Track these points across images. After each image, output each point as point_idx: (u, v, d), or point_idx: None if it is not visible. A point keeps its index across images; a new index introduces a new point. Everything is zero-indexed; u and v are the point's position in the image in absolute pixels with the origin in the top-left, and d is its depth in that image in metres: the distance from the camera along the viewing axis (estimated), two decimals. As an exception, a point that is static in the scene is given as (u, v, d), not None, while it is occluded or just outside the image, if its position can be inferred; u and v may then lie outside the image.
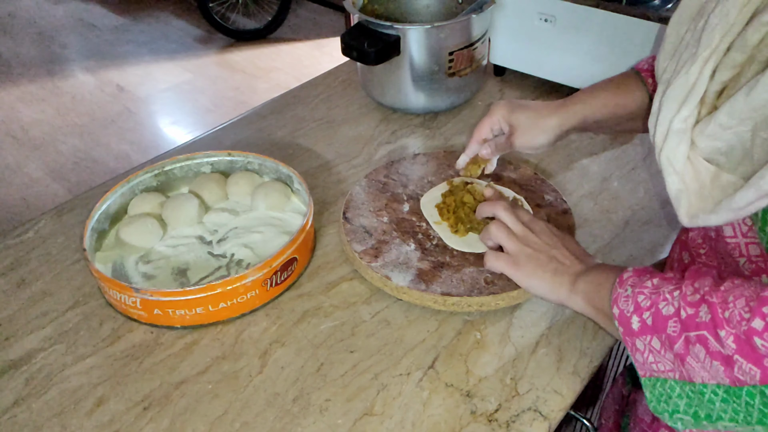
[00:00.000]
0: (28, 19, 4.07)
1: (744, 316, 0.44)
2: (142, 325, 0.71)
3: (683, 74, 0.50)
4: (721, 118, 0.47)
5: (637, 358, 0.53)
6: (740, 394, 0.45)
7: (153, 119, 3.08)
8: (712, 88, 0.49)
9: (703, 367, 0.47)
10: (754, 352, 0.43)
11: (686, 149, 0.51)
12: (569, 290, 0.62)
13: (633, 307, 0.52)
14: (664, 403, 0.52)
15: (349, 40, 0.97)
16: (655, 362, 0.51)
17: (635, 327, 0.52)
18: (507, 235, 0.68)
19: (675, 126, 0.51)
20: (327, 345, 0.68)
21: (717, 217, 0.49)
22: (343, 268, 0.78)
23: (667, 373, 0.51)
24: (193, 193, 0.85)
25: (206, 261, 0.77)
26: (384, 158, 0.97)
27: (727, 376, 0.46)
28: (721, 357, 0.45)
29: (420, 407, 0.61)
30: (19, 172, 2.67)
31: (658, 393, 0.52)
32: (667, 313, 0.49)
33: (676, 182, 0.51)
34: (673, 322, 0.49)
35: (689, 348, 0.47)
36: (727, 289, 0.46)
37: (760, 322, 0.43)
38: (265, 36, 3.74)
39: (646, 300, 0.51)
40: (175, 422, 0.61)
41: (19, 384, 0.65)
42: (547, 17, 1.02)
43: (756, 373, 0.44)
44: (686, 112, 0.50)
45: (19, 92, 3.26)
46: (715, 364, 0.46)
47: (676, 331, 0.48)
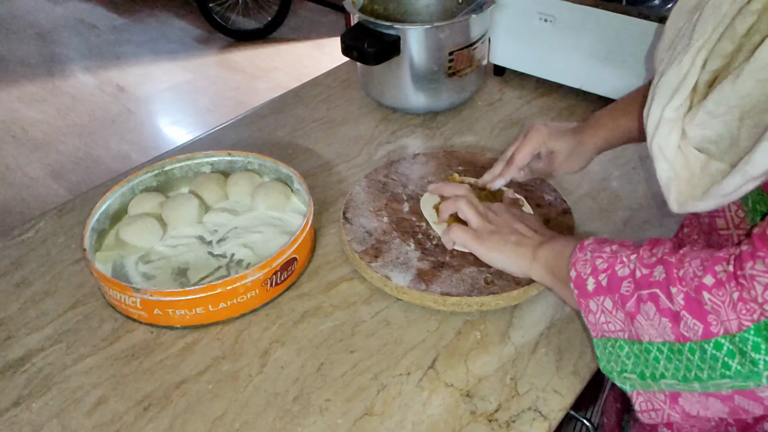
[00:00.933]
0: (28, 19, 4.07)
1: (697, 273, 0.46)
2: (142, 325, 0.71)
3: (676, 64, 0.51)
4: (709, 106, 0.48)
5: (590, 319, 0.55)
6: (682, 351, 0.48)
7: (153, 119, 3.08)
8: (703, 77, 0.50)
9: (651, 325, 0.49)
10: (701, 307, 0.45)
11: (677, 138, 0.52)
12: (531, 260, 0.65)
13: (590, 269, 0.54)
14: (614, 363, 0.54)
15: (349, 40, 0.97)
16: (606, 322, 0.53)
17: (590, 288, 0.54)
18: (471, 210, 0.70)
19: (666, 115, 0.52)
20: (327, 345, 0.68)
21: (705, 204, 0.50)
22: (343, 268, 0.78)
23: (617, 332, 0.53)
24: (193, 193, 0.85)
25: (206, 261, 0.77)
26: (384, 158, 0.97)
27: (672, 333, 0.48)
28: (670, 313, 0.47)
29: (420, 407, 0.61)
30: (19, 172, 2.67)
31: (608, 353, 0.54)
32: (623, 274, 0.52)
33: (666, 170, 0.52)
34: (628, 283, 0.51)
35: (640, 306, 0.50)
36: (685, 252, 0.49)
37: (710, 278, 0.45)
38: (265, 36, 3.74)
39: (604, 263, 0.54)
40: (175, 422, 0.61)
41: (19, 384, 0.65)
42: (547, 17, 1.02)
43: (699, 328, 0.45)
44: (678, 101, 0.51)
45: (19, 92, 3.26)
46: (664, 320, 0.48)
47: (630, 290, 0.51)
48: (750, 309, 0.43)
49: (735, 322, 0.43)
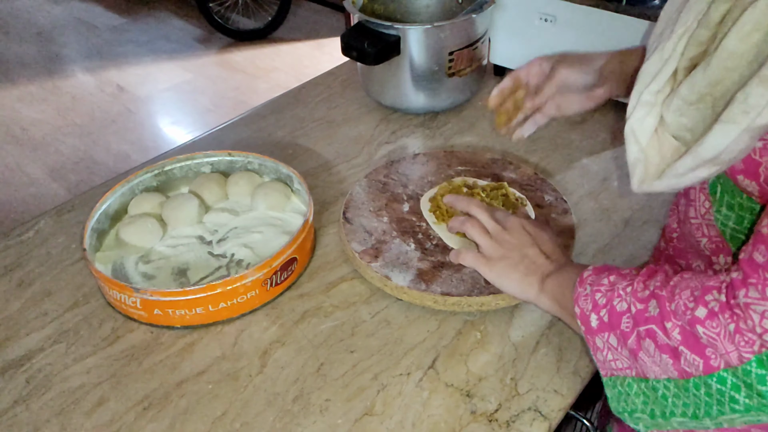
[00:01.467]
0: (28, 19, 4.07)
1: (688, 306, 0.45)
2: (142, 325, 0.71)
3: (659, 50, 0.51)
4: (683, 92, 0.48)
5: (598, 357, 0.54)
6: (688, 387, 0.46)
7: (153, 119, 3.08)
8: (683, 64, 0.50)
9: (653, 361, 0.48)
10: (697, 341, 0.44)
11: (654, 123, 0.52)
12: (538, 291, 0.64)
13: (591, 305, 0.54)
14: (624, 402, 0.53)
15: (349, 40, 0.97)
16: (613, 359, 0.52)
17: (594, 325, 0.53)
18: (480, 233, 0.69)
19: (644, 98, 0.52)
20: (327, 345, 0.68)
21: (660, 183, 0.50)
22: (343, 268, 0.78)
23: (624, 370, 0.52)
24: (193, 193, 0.85)
25: (206, 261, 0.77)
26: (384, 158, 0.97)
27: (675, 369, 0.47)
28: (669, 349, 0.46)
29: (420, 407, 0.61)
30: (19, 172, 2.67)
31: (617, 392, 0.53)
32: (621, 309, 0.51)
33: (635, 152, 0.53)
34: (627, 318, 0.50)
35: (640, 343, 0.49)
36: (676, 282, 0.48)
37: (702, 310, 0.44)
38: (265, 36, 3.74)
39: (603, 297, 0.53)
40: (175, 422, 0.61)
41: (19, 384, 0.65)
42: (547, 17, 1.02)
43: (699, 363, 0.44)
44: (656, 86, 0.51)
45: (19, 92, 3.26)
46: (664, 357, 0.47)
47: (629, 326, 0.50)
48: (749, 340, 0.41)
49: (735, 354, 0.42)
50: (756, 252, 0.42)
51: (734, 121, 0.43)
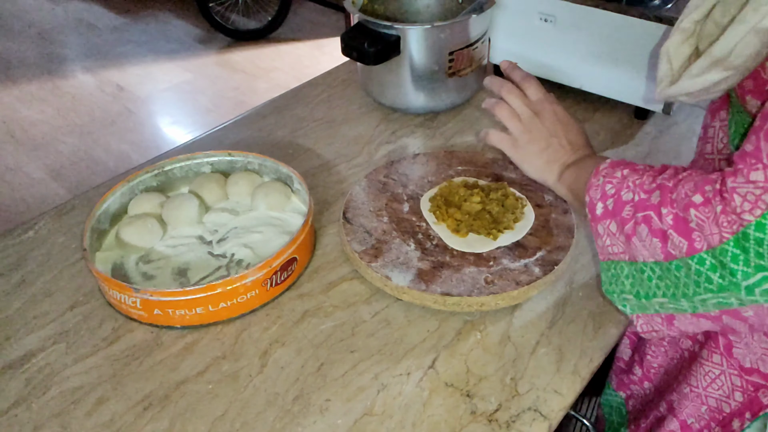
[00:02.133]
0: (28, 19, 4.07)
1: (688, 194, 0.48)
2: (142, 325, 0.71)
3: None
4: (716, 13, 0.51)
5: (599, 243, 0.58)
6: (670, 268, 0.50)
7: (153, 119, 3.08)
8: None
9: (644, 245, 0.52)
10: (686, 225, 0.48)
11: (689, 51, 0.55)
12: (557, 178, 0.67)
13: (600, 195, 0.57)
14: (614, 284, 0.58)
15: (349, 40, 0.97)
16: (611, 245, 0.56)
17: (599, 212, 0.57)
18: (510, 116, 0.71)
19: (683, 25, 0.55)
20: (327, 345, 0.68)
21: (676, 87, 0.54)
22: (343, 268, 0.78)
23: (619, 255, 0.56)
24: (193, 193, 0.85)
25: (206, 261, 0.77)
26: (384, 158, 0.97)
27: (662, 252, 0.50)
28: (660, 233, 0.50)
29: (420, 407, 0.61)
30: (19, 172, 2.67)
31: (611, 275, 0.58)
32: (626, 198, 0.54)
33: (665, 69, 0.57)
34: (629, 206, 0.54)
35: (636, 228, 0.53)
36: (682, 177, 0.51)
37: (699, 197, 0.47)
38: (265, 36, 3.74)
39: (612, 188, 0.56)
40: (175, 422, 0.61)
41: (19, 384, 0.65)
42: (547, 17, 1.02)
43: (684, 245, 0.48)
44: (696, 15, 0.54)
45: (19, 92, 3.26)
46: (654, 241, 0.51)
47: (630, 213, 0.54)
48: (730, 221, 0.45)
49: (717, 236, 0.46)
50: (747, 143, 0.46)
51: (744, 20, 0.46)
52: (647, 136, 1.01)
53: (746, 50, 0.48)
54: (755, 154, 0.44)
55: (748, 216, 0.44)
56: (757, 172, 0.44)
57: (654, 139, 1.00)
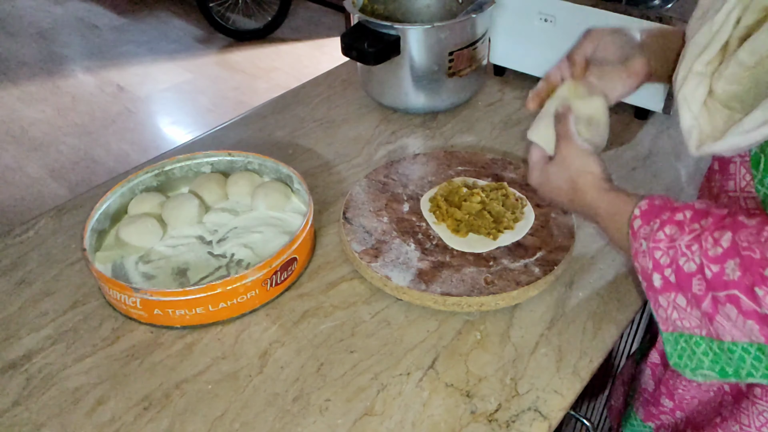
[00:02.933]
0: (28, 19, 4.07)
1: None
2: (142, 325, 0.71)
3: (707, 25, 0.51)
4: (742, 55, 0.47)
5: (660, 314, 0.51)
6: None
7: (153, 119, 3.08)
8: (737, 34, 0.50)
9: (734, 326, 0.46)
10: None
11: (704, 93, 0.51)
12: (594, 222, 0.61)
13: (652, 265, 0.50)
14: (687, 359, 0.51)
15: (349, 40, 0.97)
16: (680, 319, 0.50)
17: (657, 284, 0.50)
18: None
19: (696, 68, 0.51)
20: (327, 345, 0.68)
21: (723, 143, 0.48)
22: (343, 268, 0.78)
23: (693, 329, 0.49)
24: (193, 193, 0.85)
25: (206, 261, 0.77)
26: (384, 158, 0.97)
27: (762, 335, 0.44)
28: (757, 316, 0.44)
29: (420, 407, 0.61)
30: (19, 172, 2.67)
31: (680, 348, 0.51)
32: (689, 270, 0.47)
33: (690, 119, 0.52)
34: (698, 281, 0.47)
35: (718, 307, 0.46)
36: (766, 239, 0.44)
37: None
38: (265, 36, 3.74)
39: (665, 256, 0.49)
40: (175, 422, 0.61)
41: (19, 384, 0.65)
42: (547, 17, 1.02)
43: None
44: (707, 56, 0.51)
45: (19, 92, 3.26)
46: (749, 323, 0.44)
47: (702, 290, 0.47)
48: None
49: None
50: None
51: None
52: (647, 136, 1.01)
53: None
54: None
55: None
56: None
57: (654, 139, 1.00)
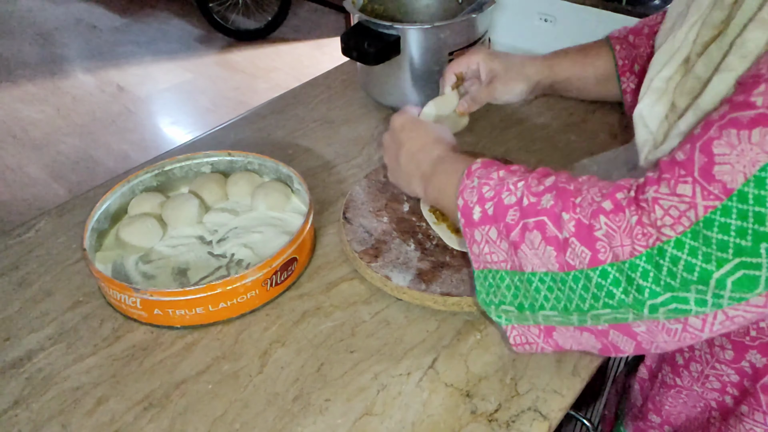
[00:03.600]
0: (28, 19, 4.07)
1: (595, 199, 0.45)
2: (142, 325, 0.71)
3: (670, 40, 0.52)
4: (698, 69, 0.49)
5: (474, 250, 0.54)
6: (566, 280, 0.47)
7: (153, 119, 3.08)
8: (696, 50, 0.51)
9: (535, 254, 0.48)
10: (591, 233, 0.44)
11: (664, 110, 0.53)
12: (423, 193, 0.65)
13: (477, 197, 0.53)
14: (492, 295, 0.53)
15: (349, 40, 0.97)
16: (489, 253, 0.52)
17: (476, 217, 0.53)
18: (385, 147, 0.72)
19: (655, 84, 0.53)
20: (327, 345, 0.68)
21: (664, 147, 0.51)
22: (343, 268, 0.78)
23: (499, 263, 0.52)
24: (193, 193, 0.85)
25: (206, 261, 0.77)
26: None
27: (557, 261, 0.47)
28: (557, 242, 0.46)
29: (420, 407, 0.61)
30: (19, 172, 2.67)
31: (488, 285, 0.53)
32: (509, 202, 0.51)
33: (644, 134, 0.54)
34: (514, 211, 0.50)
35: (525, 235, 0.49)
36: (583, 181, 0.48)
37: (609, 204, 0.44)
38: (265, 36, 3.74)
39: (491, 191, 0.52)
40: (175, 422, 0.61)
41: (19, 384, 0.65)
42: (547, 17, 1.02)
43: (586, 255, 0.44)
44: (667, 72, 0.52)
45: (19, 92, 3.26)
46: (549, 249, 0.47)
47: (515, 219, 0.50)
48: (646, 233, 0.42)
49: (627, 248, 0.42)
50: (679, 151, 0.42)
51: (731, 68, 0.44)
52: (647, 136, 1.01)
53: None
54: (686, 165, 0.41)
55: (669, 231, 0.41)
56: (686, 185, 0.40)
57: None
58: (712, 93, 0.45)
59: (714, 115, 0.41)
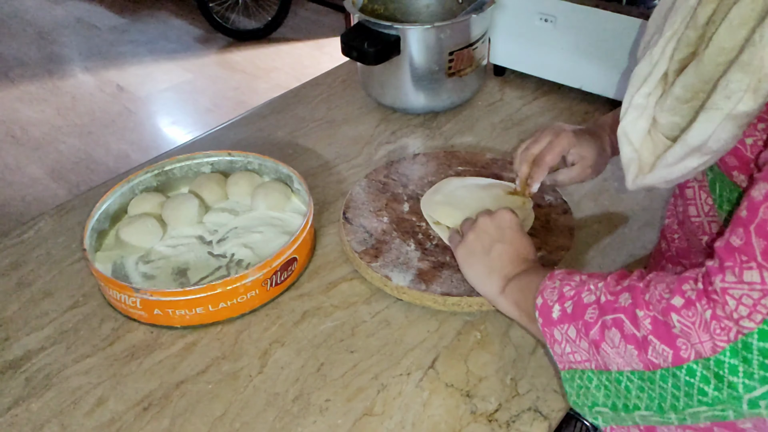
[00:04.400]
0: (28, 19, 4.07)
1: (664, 296, 0.44)
2: (142, 325, 0.71)
3: (648, 55, 0.52)
4: (676, 91, 0.49)
5: (556, 350, 0.53)
6: (654, 379, 0.45)
7: (153, 119, 3.08)
8: (672, 67, 0.51)
9: (617, 353, 0.47)
10: (669, 331, 0.43)
11: (646, 125, 0.53)
12: (499, 290, 0.62)
13: (557, 297, 0.53)
14: (584, 397, 0.52)
15: (349, 40, 0.97)
16: (571, 352, 0.51)
17: (555, 316, 0.52)
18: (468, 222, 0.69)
19: (636, 101, 0.53)
20: (327, 345, 0.68)
21: (652, 176, 0.52)
22: (343, 268, 0.78)
23: (583, 363, 0.51)
24: (193, 193, 0.85)
25: (206, 261, 0.77)
26: (384, 158, 0.97)
27: (640, 360, 0.46)
28: (635, 340, 0.45)
29: (420, 407, 0.61)
30: (19, 172, 2.67)
31: (576, 386, 0.52)
32: (588, 301, 0.50)
33: (629, 152, 0.54)
34: (592, 309, 0.49)
35: (604, 333, 0.48)
36: (651, 278, 0.47)
37: (679, 299, 0.43)
38: (265, 36, 3.74)
39: (571, 290, 0.52)
40: (175, 422, 0.61)
41: (19, 384, 0.65)
42: (547, 17, 1.02)
43: (668, 354, 0.43)
44: (647, 88, 0.53)
45: (19, 92, 3.26)
46: (630, 347, 0.46)
47: (594, 317, 0.49)
48: (725, 327, 0.40)
49: (708, 344, 0.41)
50: (733, 236, 0.41)
51: (717, 107, 0.45)
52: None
53: (723, 135, 0.45)
54: (746, 250, 0.40)
55: (748, 323, 0.39)
56: (751, 271, 0.39)
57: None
58: (700, 130, 0.46)
59: (756, 196, 0.40)
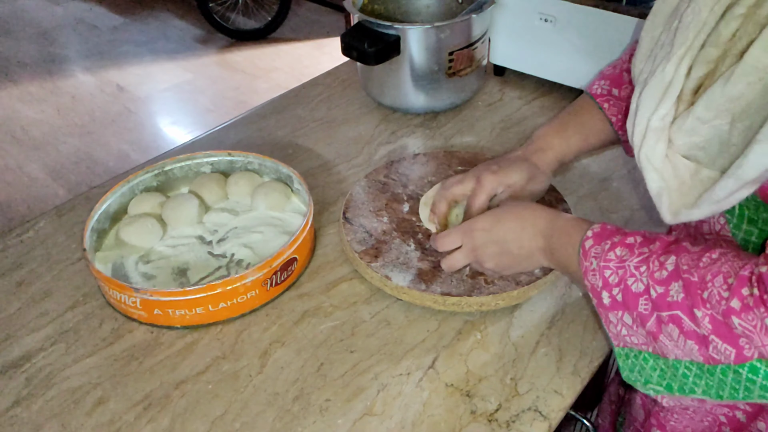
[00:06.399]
0: (28, 19, 4.07)
1: (723, 295, 0.44)
2: (142, 325, 0.71)
3: (659, 73, 0.51)
4: (699, 111, 0.48)
5: (611, 329, 0.53)
6: (714, 372, 0.46)
7: (153, 119, 3.08)
8: (689, 85, 0.50)
9: (676, 346, 0.47)
10: (730, 332, 0.43)
11: (664, 147, 0.51)
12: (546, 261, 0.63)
13: (602, 283, 0.52)
14: (638, 374, 0.52)
15: (349, 40, 0.97)
16: (628, 335, 0.51)
17: (606, 302, 0.52)
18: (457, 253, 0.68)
19: (653, 124, 0.51)
20: (327, 345, 0.68)
21: (699, 211, 0.49)
22: (343, 268, 0.78)
23: (640, 346, 0.51)
24: (193, 193, 0.85)
25: (206, 261, 0.77)
26: (384, 158, 0.97)
27: (701, 355, 0.46)
28: (696, 336, 0.45)
29: (420, 407, 0.61)
30: (19, 172, 2.67)
31: (631, 363, 0.52)
32: (637, 290, 0.49)
33: (656, 180, 0.52)
34: (644, 300, 0.49)
35: (662, 327, 0.48)
36: (705, 265, 0.46)
37: (737, 302, 0.43)
38: (265, 36, 3.74)
39: (614, 275, 0.51)
40: (175, 422, 0.61)
41: (19, 384, 0.65)
42: (547, 17, 1.02)
43: (731, 353, 0.44)
44: (663, 110, 0.51)
45: (19, 92, 3.26)
46: (689, 343, 0.46)
47: (648, 309, 0.49)
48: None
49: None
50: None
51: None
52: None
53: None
54: None
55: None
56: None
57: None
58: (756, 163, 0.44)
59: None
